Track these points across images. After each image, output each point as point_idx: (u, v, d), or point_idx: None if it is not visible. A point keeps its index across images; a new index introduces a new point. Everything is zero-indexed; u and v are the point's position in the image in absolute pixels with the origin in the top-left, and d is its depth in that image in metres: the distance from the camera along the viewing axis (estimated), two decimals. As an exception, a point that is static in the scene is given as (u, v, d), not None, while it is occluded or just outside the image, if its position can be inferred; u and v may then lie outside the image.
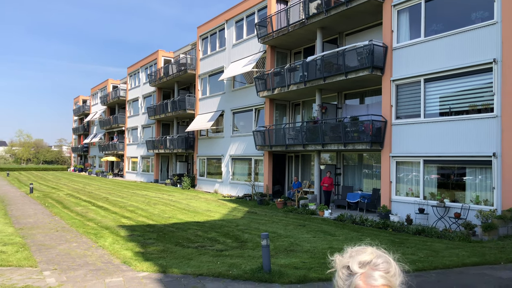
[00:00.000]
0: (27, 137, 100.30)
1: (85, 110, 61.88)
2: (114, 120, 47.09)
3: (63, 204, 19.98)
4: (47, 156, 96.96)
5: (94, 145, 58.02)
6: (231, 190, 25.94)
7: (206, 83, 29.75)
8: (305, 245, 10.89)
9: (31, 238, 11.44)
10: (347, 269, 1.41)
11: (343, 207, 18.43)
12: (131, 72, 44.89)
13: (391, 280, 1.38)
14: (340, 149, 17.17)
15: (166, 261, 8.90)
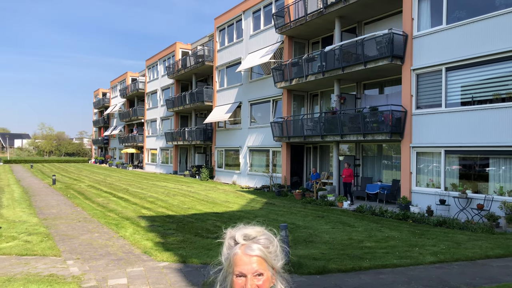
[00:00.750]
0: (49, 130, 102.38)
1: (105, 102, 62.73)
2: (133, 112, 47.61)
3: (84, 195, 20.37)
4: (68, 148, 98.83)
5: (114, 137, 58.85)
6: (249, 182, 26.01)
7: (224, 75, 29.76)
8: (324, 236, 10.86)
9: (54, 228, 11.71)
10: (233, 240, 1.57)
11: (362, 198, 18.29)
12: (149, 65, 45.21)
13: (268, 256, 1.52)
14: (359, 140, 16.98)
15: (186, 251, 8.99)
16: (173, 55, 38.77)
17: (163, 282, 6.81)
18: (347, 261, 8.08)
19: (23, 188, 23.74)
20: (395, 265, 7.84)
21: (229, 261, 1.54)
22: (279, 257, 1.57)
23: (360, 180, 19.19)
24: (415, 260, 8.22)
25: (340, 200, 16.69)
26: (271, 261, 1.54)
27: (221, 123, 30.37)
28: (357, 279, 7.00)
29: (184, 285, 6.67)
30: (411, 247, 9.42)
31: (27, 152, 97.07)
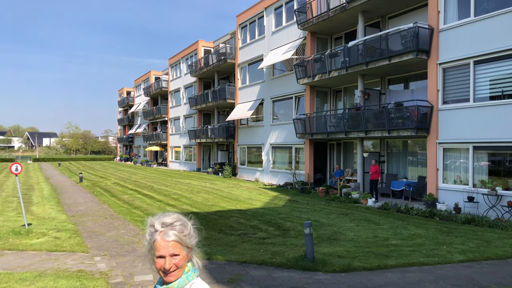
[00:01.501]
0: (76, 128, 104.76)
1: (129, 101, 63.73)
2: (157, 110, 48.22)
3: (110, 192, 20.76)
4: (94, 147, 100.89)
5: (139, 135, 59.77)
6: (271, 179, 25.99)
7: (246, 72, 29.78)
8: (349, 233, 10.75)
9: (82, 225, 11.98)
10: (153, 227, 1.85)
11: (387, 196, 18.02)
12: (172, 63, 45.67)
13: (183, 239, 1.84)
14: (384, 136, 16.72)
15: (210, 248, 9.05)
16: (196, 53, 39.04)
17: (188, 279, 6.87)
18: (373, 259, 7.98)
19: (52, 186, 24.38)
20: (422, 263, 7.69)
21: (151, 246, 1.84)
22: (193, 237, 1.91)
23: (385, 177, 18.91)
24: (443, 258, 8.05)
25: (365, 197, 16.49)
26: (186, 242, 1.86)
27: (244, 121, 30.42)
28: (383, 277, 6.90)
29: (209, 281, 6.71)
30: (439, 245, 9.23)
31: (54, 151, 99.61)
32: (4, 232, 10.65)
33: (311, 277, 6.92)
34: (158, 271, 1.85)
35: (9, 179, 28.67)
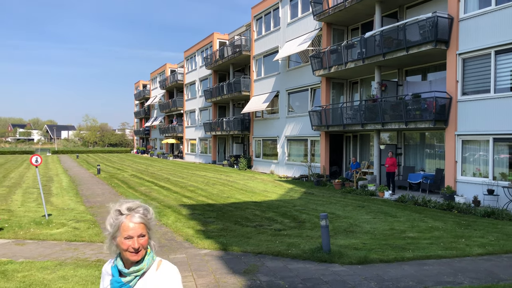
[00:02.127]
0: (93, 121, 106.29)
1: (145, 94, 64.22)
2: (172, 103, 48.50)
3: (128, 184, 21.02)
4: (111, 139, 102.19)
5: (155, 128, 60.27)
6: (287, 171, 25.96)
7: (261, 64, 29.68)
8: (365, 226, 10.69)
9: (100, 216, 12.17)
10: (119, 211, 2.03)
11: (404, 188, 17.84)
12: (187, 56, 45.80)
13: (147, 221, 2.04)
14: (401, 128, 16.51)
15: (226, 239, 9.11)
16: (211, 46, 39.04)
17: (205, 269, 6.94)
18: (389, 251, 7.92)
19: (70, 178, 24.80)
20: (440, 256, 7.61)
21: (117, 227, 2.00)
22: (154, 221, 2.09)
23: (402, 169, 18.71)
24: (462, 251, 7.94)
25: (381, 189, 16.35)
26: (150, 225, 2.06)
27: (259, 113, 30.38)
28: (400, 269, 6.85)
29: (226, 272, 6.76)
30: (457, 238, 9.11)
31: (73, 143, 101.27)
32: (25, 222, 10.89)
33: (327, 269, 6.91)
34: (123, 251, 2.00)
35: (29, 171, 29.27)
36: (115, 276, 2.04)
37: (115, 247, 2.04)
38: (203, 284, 6.20)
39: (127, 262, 2.03)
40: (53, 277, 6.46)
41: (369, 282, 6.21)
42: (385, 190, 16.23)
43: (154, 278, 2.04)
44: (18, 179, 23.31)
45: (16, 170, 30.00)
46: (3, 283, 6.17)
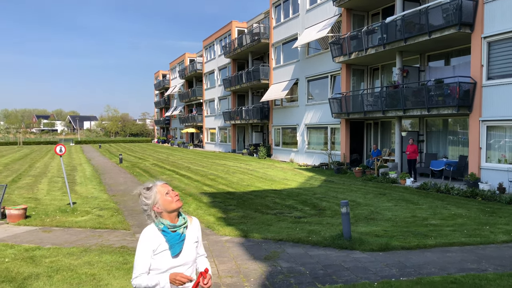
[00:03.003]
0: (114, 111, 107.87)
1: (165, 84, 64.68)
2: (192, 93, 48.74)
3: (149, 173, 21.33)
4: (132, 129, 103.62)
5: (175, 118, 60.78)
6: (306, 159, 25.87)
7: (280, 52, 29.47)
8: (386, 213, 10.60)
9: (123, 204, 12.40)
10: (146, 188, 2.64)
11: (426, 175, 17.57)
12: (206, 45, 45.82)
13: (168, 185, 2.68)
14: (423, 114, 16.21)
15: (247, 226, 9.17)
16: (229, 34, 38.94)
17: (226, 255, 7.01)
18: (411, 238, 7.84)
19: (93, 167, 25.31)
20: (463, 243, 7.50)
21: (155, 194, 2.61)
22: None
23: (424, 157, 18.41)
24: (486, 239, 7.81)
25: (403, 177, 16.16)
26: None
27: (278, 101, 30.27)
28: (422, 256, 6.79)
29: (247, 258, 6.82)
30: (481, 225, 8.95)
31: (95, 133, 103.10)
32: (51, 210, 11.19)
33: (348, 256, 6.89)
34: (170, 204, 2.60)
35: (54, 161, 29.98)
36: (170, 232, 2.59)
37: (154, 214, 2.62)
38: (224, 269, 6.28)
39: (172, 218, 2.64)
40: (79, 262, 6.64)
41: (390, 269, 6.18)
42: (406, 178, 16.03)
43: (192, 227, 2.75)
44: (43, 169, 23.91)
45: (41, 160, 30.77)
46: (32, 268, 6.38)
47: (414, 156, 16.65)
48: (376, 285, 5.44)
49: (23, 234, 8.77)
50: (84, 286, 5.56)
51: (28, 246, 7.69)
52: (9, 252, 7.31)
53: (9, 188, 15.35)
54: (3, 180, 17.84)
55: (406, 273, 5.97)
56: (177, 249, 2.58)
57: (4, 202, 11.27)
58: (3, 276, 6.00)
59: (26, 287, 5.57)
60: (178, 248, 2.58)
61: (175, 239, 2.58)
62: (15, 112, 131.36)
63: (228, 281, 5.77)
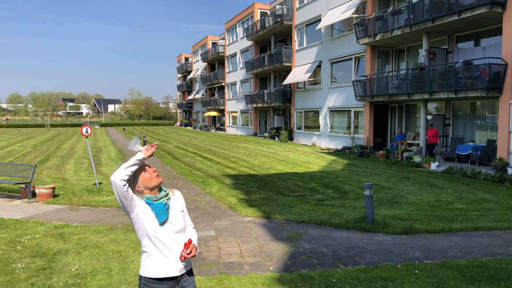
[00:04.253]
0: (138, 95, 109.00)
1: (188, 67, 64.86)
2: (214, 76, 48.75)
3: (173, 155, 21.60)
4: (155, 112, 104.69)
5: (197, 101, 61.08)
6: (329, 143, 25.68)
7: (303, 34, 29.07)
8: (410, 197, 10.47)
9: (147, 184, 12.61)
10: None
11: (452, 160, 17.21)
12: (228, 28, 45.57)
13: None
14: (450, 97, 15.79)
15: (269, 208, 9.22)
16: (252, 17, 38.59)
17: (249, 235, 7.08)
18: (436, 222, 7.73)
19: (118, 149, 25.78)
20: (490, 228, 7.35)
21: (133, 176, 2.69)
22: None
23: (450, 141, 18.02)
24: (514, 224, 7.62)
25: (428, 161, 15.88)
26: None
27: (300, 84, 30.00)
28: (447, 240, 6.69)
29: (269, 239, 6.87)
30: (509, 210, 8.75)
31: (119, 116, 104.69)
32: (78, 190, 11.49)
33: (371, 238, 6.86)
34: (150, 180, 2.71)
35: (80, 143, 30.66)
36: (153, 202, 2.69)
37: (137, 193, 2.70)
38: (247, 249, 6.34)
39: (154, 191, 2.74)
40: (105, 240, 6.82)
41: (414, 252, 6.12)
42: (431, 162, 15.75)
43: (175, 199, 2.87)
44: (70, 150, 24.50)
45: (67, 142, 31.52)
46: (61, 244, 6.59)
47: (435, 140, 16.28)
48: (399, 267, 5.41)
49: (52, 212, 9.05)
50: (111, 262, 5.72)
51: (57, 224, 7.94)
52: (39, 228, 7.56)
53: (38, 168, 15.81)
54: (33, 161, 18.38)
55: (430, 256, 5.90)
56: (163, 217, 2.68)
57: (34, 182, 11.63)
58: (35, 251, 6.23)
59: (56, 262, 5.77)
60: (164, 216, 2.68)
61: (159, 208, 2.68)
62: (42, 95, 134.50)
63: (250, 260, 5.83)
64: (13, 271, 5.44)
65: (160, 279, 2.68)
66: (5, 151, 23.06)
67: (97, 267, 5.53)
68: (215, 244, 6.64)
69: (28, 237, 6.98)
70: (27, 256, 6.03)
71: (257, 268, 5.52)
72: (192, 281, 2.87)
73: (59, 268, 5.52)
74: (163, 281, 2.69)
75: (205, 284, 4.95)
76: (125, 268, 5.48)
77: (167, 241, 2.69)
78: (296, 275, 5.21)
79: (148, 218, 2.67)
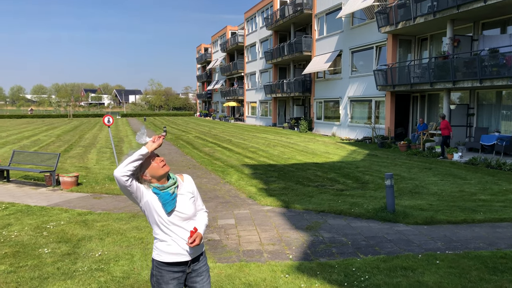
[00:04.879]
0: (158, 85, 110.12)
1: (207, 58, 64.99)
2: (233, 66, 48.73)
3: (192, 145, 21.77)
4: (175, 103, 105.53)
5: (217, 91, 61.24)
6: (349, 133, 25.45)
7: (323, 22, 28.72)
8: (432, 187, 10.31)
9: (168, 174, 12.76)
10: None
11: (476, 150, 16.86)
12: (248, 17, 45.37)
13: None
14: (475, 86, 15.41)
15: (288, 197, 9.22)
16: (271, 6, 38.30)
17: (268, 224, 7.11)
18: (458, 213, 7.61)
19: (139, 139, 26.08)
20: (515, 219, 7.19)
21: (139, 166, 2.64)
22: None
23: (473, 131, 17.63)
24: (540, 215, 7.44)
25: (450, 151, 15.58)
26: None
27: (320, 74, 29.73)
28: (469, 231, 6.58)
29: (288, 227, 6.89)
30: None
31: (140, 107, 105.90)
32: (100, 178, 11.72)
33: (391, 228, 6.80)
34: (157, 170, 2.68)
35: (102, 132, 31.18)
36: (160, 192, 2.69)
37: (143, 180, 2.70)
38: (266, 237, 6.37)
39: (161, 181, 2.72)
40: (127, 227, 6.95)
41: (435, 242, 6.05)
42: (454, 152, 15.45)
43: (185, 185, 2.84)
44: (92, 140, 24.95)
45: (90, 132, 32.09)
46: (85, 231, 6.75)
47: (446, 133, 15.69)
48: (420, 257, 5.35)
49: (76, 200, 9.26)
50: (133, 249, 5.83)
51: (81, 211, 8.13)
52: (64, 215, 7.76)
53: (62, 157, 16.17)
54: (56, 150, 18.81)
55: (452, 247, 5.82)
56: (170, 207, 2.69)
57: (58, 170, 11.91)
58: (60, 237, 6.41)
59: (80, 248, 5.92)
60: (171, 206, 2.69)
61: (165, 198, 2.68)
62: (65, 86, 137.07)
63: (270, 249, 5.86)
64: (40, 255, 5.61)
65: (170, 264, 2.75)
66: (30, 141, 23.65)
67: (119, 253, 5.65)
68: (235, 232, 6.70)
69: (53, 224, 7.17)
70: (52, 241, 6.21)
71: (277, 256, 5.55)
72: (205, 263, 2.89)
73: (83, 254, 5.67)
74: (174, 265, 2.76)
75: (225, 271, 5.00)
76: (146, 254, 5.59)
77: (175, 229, 2.72)
78: (316, 264, 5.22)
79: (156, 207, 2.70)
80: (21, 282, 4.74)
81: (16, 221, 7.39)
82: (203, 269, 2.85)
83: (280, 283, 4.63)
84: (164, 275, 2.74)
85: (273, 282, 4.67)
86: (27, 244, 6.10)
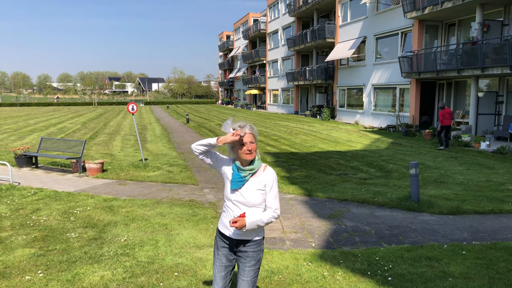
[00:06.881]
0: (181, 73, 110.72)
1: (229, 45, 64.87)
2: (255, 53, 48.50)
3: (215, 133, 21.88)
4: (197, 91, 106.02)
5: (238, 79, 61.19)
6: (372, 121, 25.10)
7: (347, 8, 28.20)
8: (458, 177, 10.10)
9: (191, 161, 12.90)
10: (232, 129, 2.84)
11: (505, 139, 16.40)
12: (270, 4, 44.94)
13: (253, 133, 2.87)
14: (505, 73, 14.91)
15: (310, 185, 9.19)
16: (294, -8, 37.78)
17: (291, 212, 7.11)
18: (485, 203, 7.44)
19: (162, 126, 26.41)
20: (545, 210, 6.98)
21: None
22: (257, 136, 2.91)
23: (502, 119, 17.12)
24: None
25: (477, 140, 15.20)
26: (255, 136, 2.87)
27: (344, 61, 29.30)
28: (497, 221, 6.43)
29: (311, 216, 6.88)
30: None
31: (162, 95, 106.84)
32: (125, 165, 11.92)
33: (415, 217, 6.71)
34: (241, 154, 2.81)
35: (126, 120, 31.66)
36: (235, 170, 2.88)
37: (233, 153, 2.90)
38: (289, 225, 6.38)
39: (243, 163, 2.87)
40: (152, 213, 7.07)
41: (461, 232, 5.94)
42: (481, 141, 15.07)
43: (262, 176, 2.90)
44: (117, 127, 25.37)
45: (114, 120, 32.62)
46: (110, 216, 6.90)
47: (447, 122, 15.05)
48: (445, 248, 5.27)
49: (101, 186, 9.46)
50: (157, 234, 5.93)
51: (106, 197, 8.30)
52: (90, 201, 7.94)
53: (87, 144, 16.52)
54: (82, 137, 19.22)
55: (479, 238, 5.71)
56: (234, 186, 2.87)
57: (83, 157, 12.18)
58: (86, 222, 6.57)
59: (106, 233, 6.06)
60: (235, 186, 2.86)
61: (235, 177, 2.87)
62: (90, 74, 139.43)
63: (292, 236, 5.87)
64: (67, 240, 5.77)
65: (220, 232, 3.04)
66: (57, 128, 24.23)
67: (144, 239, 5.75)
68: (257, 219, 6.72)
69: (80, 209, 7.35)
70: (79, 226, 6.37)
71: (299, 244, 5.55)
72: (253, 250, 2.96)
73: (109, 239, 5.80)
74: (222, 236, 3.03)
75: (247, 258, 5.03)
76: (170, 240, 5.67)
77: (232, 206, 2.92)
78: (338, 252, 5.20)
79: (227, 180, 2.95)
80: (50, 265, 4.89)
81: (45, 206, 7.60)
82: (249, 255, 2.96)
83: (303, 271, 4.64)
84: (217, 241, 3.07)
85: (295, 269, 4.68)
86: (55, 228, 6.28)
